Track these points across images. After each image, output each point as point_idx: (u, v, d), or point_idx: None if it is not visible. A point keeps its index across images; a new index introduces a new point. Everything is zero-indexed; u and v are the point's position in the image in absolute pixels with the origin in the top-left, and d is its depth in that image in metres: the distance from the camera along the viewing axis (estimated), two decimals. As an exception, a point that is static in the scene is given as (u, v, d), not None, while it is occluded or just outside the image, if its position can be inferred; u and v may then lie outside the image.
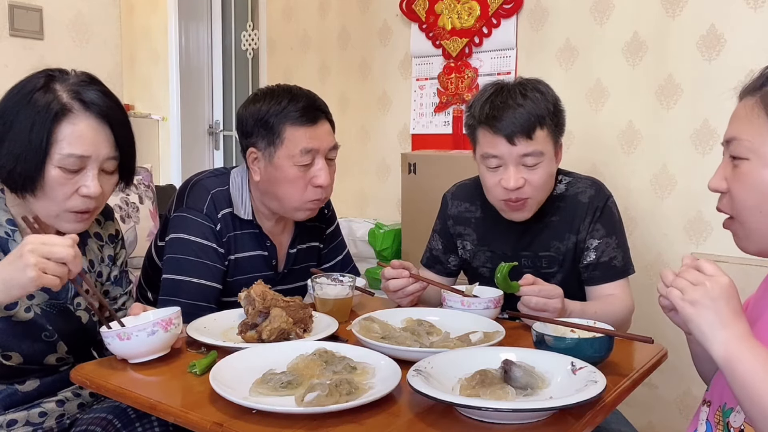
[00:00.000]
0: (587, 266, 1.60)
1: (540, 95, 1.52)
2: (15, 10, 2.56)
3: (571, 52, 2.55)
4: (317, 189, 1.58)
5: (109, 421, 1.26)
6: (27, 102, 1.21)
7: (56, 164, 1.21)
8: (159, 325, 1.18)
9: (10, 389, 1.29)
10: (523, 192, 1.52)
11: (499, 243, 1.68)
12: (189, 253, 1.55)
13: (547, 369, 1.07)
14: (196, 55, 4.70)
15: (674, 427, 2.37)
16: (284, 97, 1.58)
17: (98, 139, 1.24)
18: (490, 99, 1.53)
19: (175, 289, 1.52)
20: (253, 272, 1.66)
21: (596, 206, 1.60)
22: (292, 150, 1.55)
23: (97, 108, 1.24)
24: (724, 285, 0.92)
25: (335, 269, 1.80)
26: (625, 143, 2.44)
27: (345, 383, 1.01)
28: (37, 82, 1.24)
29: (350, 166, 3.30)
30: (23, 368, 1.29)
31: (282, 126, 1.56)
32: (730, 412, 1.01)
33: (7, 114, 1.22)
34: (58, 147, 1.21)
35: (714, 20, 2.23)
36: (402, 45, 3.04)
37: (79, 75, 1.28)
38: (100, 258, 1.43)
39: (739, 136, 0.98)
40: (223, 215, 1.62)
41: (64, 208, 1.25)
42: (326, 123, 1.61)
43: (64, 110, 1.22)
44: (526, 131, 1.48)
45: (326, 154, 1.60)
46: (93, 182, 1.24)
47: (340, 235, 1.90)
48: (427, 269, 1.80)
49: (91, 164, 1.24)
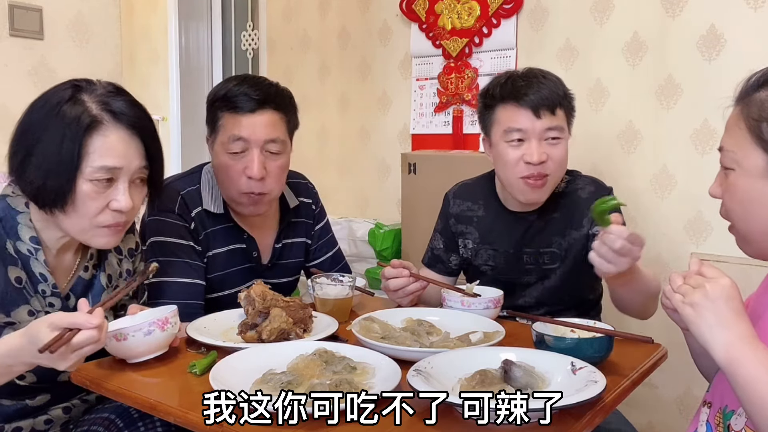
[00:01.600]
0: None
1: (557, 79, 1.59)
2: (15, 10, 2.55)
3: (571, 52, 2.55)
4: (251, 181, 1.54)
5: (112, 421, 1.26)
6: (55, 115, 1.17)
7: (87, 178, 1.17)
8: (155, 325, 1.18)
9: (20, 404, 1.27)
10: (545, 167, 1.54)
11: (501, 240, 1.69)
12: (169, 254, 1.54)
13: (547, 369, 1.07)
14: (196, 55, 4.70)
15: (674, 427, 2.37)
16: (232, 83, 1.56)
17: (129, 151, 1.21)
18: (511, 79, 1.58)
19: (162, 292, 1.50)
20: (235, 266, 1.65)
21: (598, 196, 1.60)
22: (224, 137, 1.54)
23: (126, 119, 1.21)
24: (724, 286, 0.91)
25: (324, 266, 1.80)
26: (625, 143, 2.44)
27: (345, 383, 1.01)
28: (64, 94, 1.19)
29: (350, 166, 3.30)
30: (35, 387, 1.26)
31: (221, 112, 1.55)
32: (731, 414, 1.01)
33: (35, 128, 1.18)
34: (90, 160, 1.17)
35: (714, 20, 2.23)
36: (402, 45, 3.04)
37: (106, 85, 1.25)
38: (119, 273, 1.39)
39: (726, 147, 0.99)
40: (196, 213, 1.60)
41: (95, 223, 1.21)
42: (270, 114, 1.55)
43: (95, 122, 1.18)
44: (551, 106, 1.53)
45: (264, 146, 1.54)
46: (124, 196, 1.21)
47: (330, 232, 1.89)
48: (429, 268, 1.80)
49: (122, 177, 1.21)
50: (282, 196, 1.73)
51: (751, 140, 0.94)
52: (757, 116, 0.93)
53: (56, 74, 2.69)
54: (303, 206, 1.80)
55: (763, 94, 0.94)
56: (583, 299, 1.71)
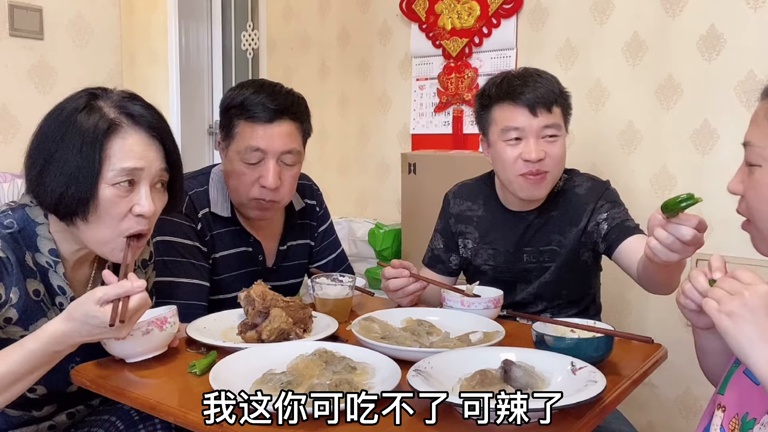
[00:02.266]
0: (604, 237, 1.58)
1: (552, 77, 1.60)
2: (15, 10, 2.55)
3: (571, 52, 2.55)
4: (263, 189, 1.54)
5: (112, 423, 1.26)
6: (72, 123, 1.16)
7: (109, 182, 1.15)
8: (154, 324, 1.18)
9: (27, 415, 1.26)
10: (543, 165, 1.55)
11: (501, 240, 1.69)
12: (175, 254, 1.54)
13: (547, 369, 1.07)
14: (196, 55, 4.70)
15: (674, 427, 2.37)
16: (249, 90, 1.54)
17: (149, 152, 1.20)
18: (506, 79, 1.59)
19: (168, 292, 1.50)
20: (240, 269, 1.65)
21: (596, 192, 1.64)
22: (240, 145, 1.53)
23: (145, 121, 1.20)
24: (763, 294, 0.86)
25: (327, 268, 1.80)
26: (625, 143, 2.44)
27: (345, 383, 1.01)
28: (80, 102, 1.18)
29: (350, 166, 3.30)
30: (45, 399, 1.26)
31: (237, 120, 1.54)
32: (752, 423, 0.97)
33: (51, 138, 1.16)
34: (110, 163, 1.15)
35: (714, 20, 2.22)
36: (402, 45, 3.04)
37: (121, 92, 1.23)
38: None
39: (753, 142, 0.95)
40: (203, 215, 1.60)
41: (118, 232, 1.18)
42: (287, 124, 1.54)
43: (113, 126, 1.16)
44: (547, 104, 1.55)
45: (279, 157, 1.54)
46: (147, 200, 1.18)
47: (334, 233, 1.88)
48: (429, 269, 1.80)
49: (143, 180, 1.19)
50: None
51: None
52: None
53: (56, 74, 2.69)
54: (307, 208, 1.80)
55: None
56: (583, 293, 1.72)
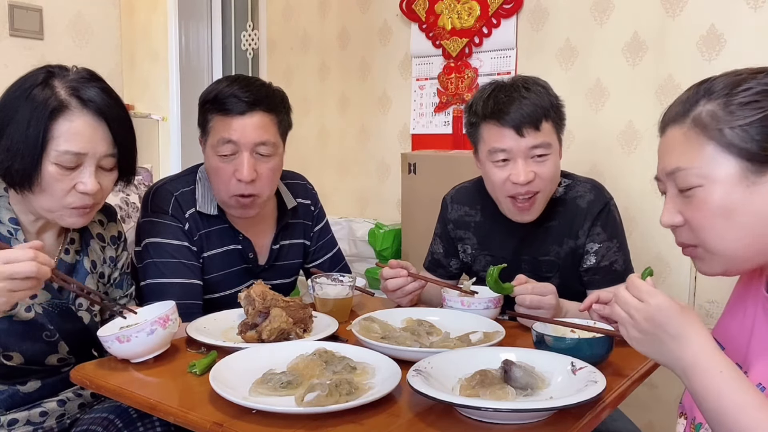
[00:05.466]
0: (588, 270, 1.59)
1: (542, 89, 1.52)
2: (15, 10, 2.55)
3: (571, 52, 2.55)
4: (240, 183, 1.53)
5: (111, 421, 1.26)
6: (26, 98, 1.21)
7: (53, 161, 1.21)
8: (157, 323, 1.19)
9: (12, 390, 1.29)
10: (533, 186, 1.50)
11: (498, 247, 1.67)
12: (165, 255, 1.54)
13: (547, 369, 1.07)
14: (196, 55, 4.70)
15: (674, 427, 2.36)
16: (223, 84, 1.54)
17: (95, 137, 1.24)
18: (493, 95, 1.51)
19: (160, 293, 1.49)
20: (231, 267, 1.64)
21: (595, 211, 1.59)
22: (213, 139, 1.53)
23: (94, 105, 1.24)
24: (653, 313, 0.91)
25: (323, 267, 1.79)
26: (625, 143, 2.44)
27: (345, 383, 1.01)
28: (37, 78, 1.23)
29: (350, 166, 3.30)
30: (24, 369, 1.29)
31: (211, 114, 1.54)
32: (699, 426, 1.00)
33: (7, 109, 1.22)
34: (55, 144, 1.21)
35: (714, 20, 2.23)
36: (402, 45, 3.04)
37: (80, 71, 1.28)
38: (102, 259, 1.43)
39: (684, 166, 0.93)
40: (190, 215, 1.59)
41: (63, 204, 1.24)
42: (260, 116, 1.52)
43: (61, 107, 1.21)
44: (534, 122, 1.47)
45: (254, 149, 1.53)
46: (90, 179, 1.24)
47: (330, 233, 1.88)
48: (430, 273, 1.79)
49: (87, 161, 1.24)
50: (279, 197, 1.73)
51: (717, 149, 0.90)
52: (715, 125, 0.90)
53: (56, 74, 2.69)
54: (301, 207, 1.79)
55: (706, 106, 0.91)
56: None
